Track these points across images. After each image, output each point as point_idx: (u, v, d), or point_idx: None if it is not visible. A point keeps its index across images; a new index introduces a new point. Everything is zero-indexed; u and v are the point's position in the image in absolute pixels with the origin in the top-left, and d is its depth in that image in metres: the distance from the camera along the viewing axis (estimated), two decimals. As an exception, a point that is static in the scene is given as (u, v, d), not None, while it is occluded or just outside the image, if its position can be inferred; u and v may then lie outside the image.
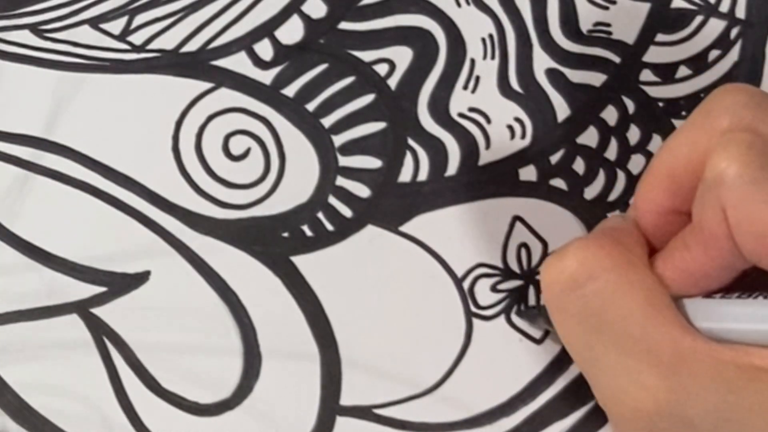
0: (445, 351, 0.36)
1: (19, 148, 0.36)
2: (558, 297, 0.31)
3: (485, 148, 0.38)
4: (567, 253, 0.31)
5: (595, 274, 0.30)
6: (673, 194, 0.31)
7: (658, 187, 0.31)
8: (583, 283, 0.30)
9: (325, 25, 0.38)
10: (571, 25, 0.39)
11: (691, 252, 0.30)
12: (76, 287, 0.35)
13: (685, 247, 0.30)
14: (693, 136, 0.30)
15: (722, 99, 0.30)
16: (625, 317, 0.30)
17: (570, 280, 0.31)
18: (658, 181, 0.31)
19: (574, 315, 0.31)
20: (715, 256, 0.29)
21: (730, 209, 0.28)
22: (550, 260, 0.32)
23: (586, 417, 0.36)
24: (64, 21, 0.37)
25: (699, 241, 0.30)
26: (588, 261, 0.31)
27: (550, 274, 0.31)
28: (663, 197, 0.31)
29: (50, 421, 0.34)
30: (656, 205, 0.32)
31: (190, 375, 0.35)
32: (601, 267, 0.30)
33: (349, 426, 0.35)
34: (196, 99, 0.37)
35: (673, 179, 0.31)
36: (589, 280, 0.30)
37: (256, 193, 0.37)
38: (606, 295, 0.30)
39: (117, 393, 0.35)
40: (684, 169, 0.30)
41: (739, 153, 0.28)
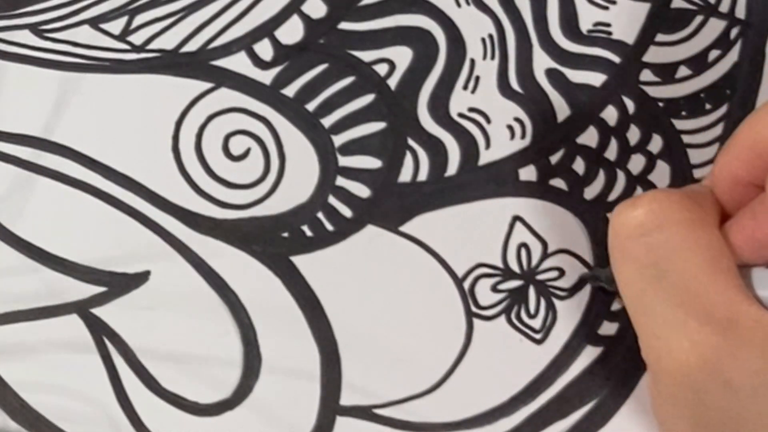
0: (445, 351, 0.36)
1: (19, 148, 0.36)
2: (623, 242, 0.31)
3: (485, 148, 0.38)
4: (640, 201, 0.31)
5: (664, 224, 0.31)
6: (752, 166, 0.31)
7: (738, 157, 0.32)
8: (651, 231, 0.31)
9: (325, 25, 0.38)
10: (571, 25, 0.39)
11: (758, 220, 0.30)
12: (76, 287, 0.35)
13: (752, 214, 0.31)
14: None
15: None
16: (686, 271, 0.30)
17: (638, 226, 0.31)
18: (739, 151, 0.32)
19: (635, 261, 0.31)
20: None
21: None
22: (621, 206, 0.32)
23: (586, 417, 0.36)
24: (64, 21, 0.37)
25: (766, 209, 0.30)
26: (660, 211, 0.31)
27: (620, 220, 0.32)
28: (741, 168, 0.32)
29: (50, 421, 0.34)
30: (733, 175, 0.32)
31: (190, 375, 0.35)
32: (672, 219, 0.31)
33: (349, 426, 0.35)
34: (196, 99, 0.37)
35: (755, 151, 0.31)
36: (657, 228, 0.31)
37: (256, 193, 0.37)
38: (671, 247, 0.30)
39: (117, 393, 0.35)
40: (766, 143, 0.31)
41: None
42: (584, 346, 0.37)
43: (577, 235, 0.38)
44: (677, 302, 0.30)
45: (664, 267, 0.30)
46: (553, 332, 0.37)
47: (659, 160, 0.39)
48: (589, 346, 0.37)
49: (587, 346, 0.37)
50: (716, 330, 0.29)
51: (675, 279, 0.30)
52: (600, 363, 0.37)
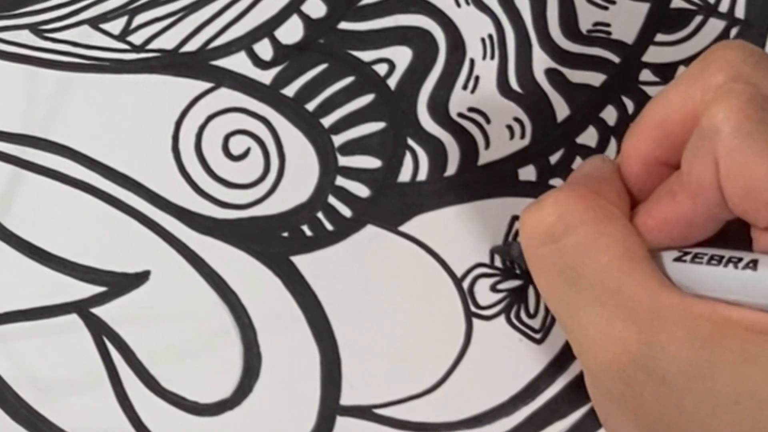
0: (444, 351, 0.36)
1: (19, 147, 0.36)
2: (536, 249, 0.31)
3: (485, 148, 0.38)
4: (545, 204, 0.31)
5: (572, 227, 0.30)
6: (661, 145, 0.31)
7: (648, 136, 0.31)
8: (560, 237, 0.30)
9: (325, 25, 0.38)
10: (570, 25, 0.39)
11: (677, 201, 0.30)
12: (76, 287, 0.35)
13: (670, 195, 0.30)
14: (688, 89, 0.30)
15: (720, 54, 0.30)
16: (601, 270, 0.30)
17: (547, 233, 0.31)
18: (648, 130, 0.31)
19: (551, 267, 0.31)
20: (700, 205, 0.29)
21: (722, 159, 0.28)
22: (528, 211, 0.32)
23: (586, 417, 0.36)
24: (64, 21, 0.37)
25: (686, 190, 0.30)
26: (566, 214, 0.31)
27: (528, 226, 0.31)
28: (651, 147, 0.31)
29: (50, 421, 0.34)
30: (644, 154, 0.32)
31: (190, 375, 0.35)
32: (579, 220, 0.30)
33: (349, 426, 0.35)
34: (195, 99, 0.37)
35: (664, 130, 0.31)
36: (565, 233, 0.30)
37: (256, 193, 0.37)
38: (582, 249, 0.30)
39: (117, 393, 0.35)
40: (676, 120, 0.30)
41: (739, 104, 0.28)
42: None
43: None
44: (599, 303, 0.30)
45: (579, 270, 0.30)
46: (552, 332, 0.37)
47: (659, 160, 0.39)
48: (588, 345, 0.37)
49: (587, 346, 0.37)
50: (641, 325, 0.29)
51: (593, 280, 0.30)
52: (600, 363, 0.37)
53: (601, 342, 0.30)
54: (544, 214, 0.31)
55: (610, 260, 0.30)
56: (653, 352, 0.29)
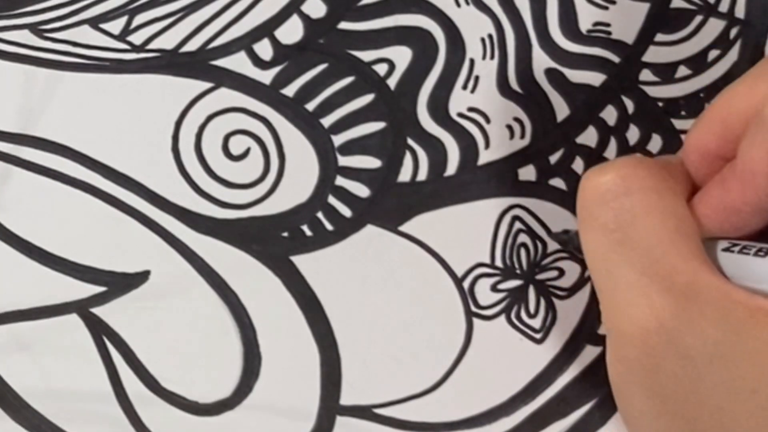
0: (445, 351, 0.36)
1: (19, 147, 0.36)
2: (590, 206, 0.32)
3: (484, 147, 0.38)
4: (610, 166, 0.32)
5: (631, 190, 0.31)
6: (723, 139, 0.31)
7: (710, 131, 0.32)
8: (618, 196, 0.31)
9: (325, 25, 0.38)
10: (570, 25, 0.39)
11: (728, 188, 0.30)
12: (76, 287, 0.35)
13: (722, 183, 0.31)
14: (753, 83, 0.31)
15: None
16: (650, 237, 0.30)
17: (606, 191, 0.31)
18: (711, 125, 0.32)
19: (601, 225, 0.31)
20: (750, 194, 0.30)
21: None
22: (591, 172, 0.32)
23: (586, 417, 0.36)
24: (64, 21, 0.37)
25: (737, 177, 0.30)
26: (628, 177, 0.31)
27: (588, 185, 0.32)
28: (713, 141, 0.32)
29: (50, 421, 0.34)
30: (705, 148, 0.32)
31: (190, 375, 0.35)
32: (639, 185, 0.31)
33: (349, 426, 0.35)
34: (195, 99, 0.37)
35: (726, 125, 0.31)
36: (624, 193, 0.31)
37: (256, 193, 0.37)
38: (637, 212, 0.31)
39: (117, 393, 0.35)
40: (739, 115, 0.31)
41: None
42: (584, 346, 0.37)
43: (576, 234, 0.38)
44: (640, 267, 0.30)
45: (629, 232, 0.31)
46: (552, 332, 0.37)
47: (659, 159, 0.39)
48: (589, 346, 0.37)
49: (587, 346, 0.37)
50: (677, 297, 0.29)
51: (639, 244, 0.30)
52: (600, 363, 0.37)
53: (633, 306, 0.30)
54: (608, 173, 0.31)
55: (662, 229, 0.30)
56: (682, 326, 0.29)
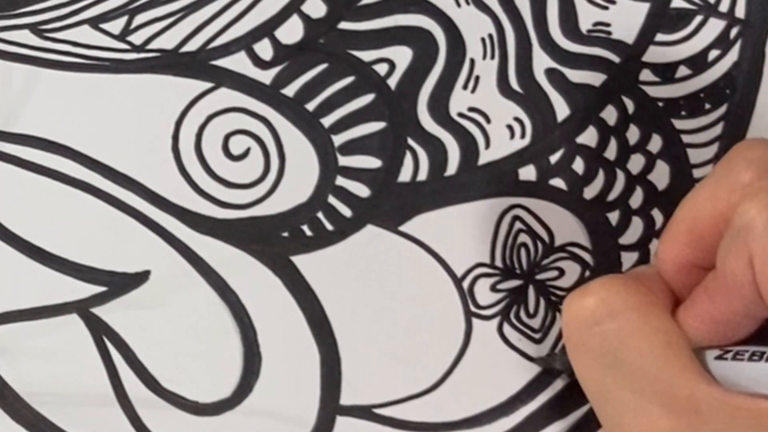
0: (444, 351, 0.36)
1: (19, 147, 0.36)
2: (577, 332, 0.32)
3: (485, 147, 0.38)
4: (590, 290, 0.32)
5: (615, 312, 0.31)
6: (694, 248, 0.32)
7: (680, 241, 0.32)
8: (603, 320, 0.31)
9: (325, 25, 0.38)
10: (570, 24, 0.39)
11: (713, 299, 0.30)
12: (76, 287, 0.35)
13: (707, 294, 0.31)
14: (715, 191, 0.31)
15: (744, 153, 0.31)
16: (642, 357, 0.30)
17: (590, 316, 0.31)
18: (680, 235, 0.32)
19: (591, 351, 0.31)
20: (737, 304, 0.30)
21: (757, 256, 0.28)
22: (572, 296, 0.32)
23: (586, 417, 0.36)
24: (64, 21, 0.37)
25: (722, 289, 0.30)
26: (610, 299, 0.31)
27: (572, 310, 0.32)
28: (685, 251, 0.32)
29: (50, 421, 0.34)
30: (678, 259, 0.32)
31: (190, 375, 0.35)
32: (623, 306, 0.31)
33: (349, 426, 0.35)
34: (195, 99, 0.37)
35: (695, 234, 0.31)
36: (609, 317, 0.31)
37: (256, 193, 0.37)
38: (625, 334, 0.31)
39: (117, 393, 0.35)
40: (706, 223, 0.31)
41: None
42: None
43: (576, 234, 0.38)
44: (637, 389, 0.30)
45: (619, 355, 0.31)
46: (552, 332, 0.37)
47: (659, 159, 0.39)
48: (588, 346, 0.37)
49: (587, 346, 0.37)
50: (678, 413, 0.29)
51: (632, 366, 0.30)
52: (599, 363, 0.37)
53: (636, 429, 0.30)
54: (590, 298, 0.31)
55: (652, 348, 0.30)
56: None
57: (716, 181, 0.31)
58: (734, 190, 0.30)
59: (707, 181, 0.31)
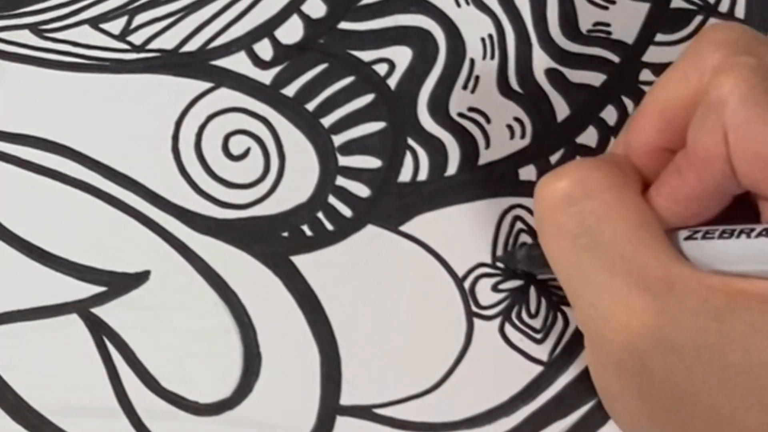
0: (445, 351, 0.36)
1: (19, 148, 0.36)
2: (552, 213, 0.31)
3: (485, 147, 0.38)
4: (565, 171, 0.31)
5: (591, 192, 0.31)
6: (664, 132, 0.31)
7: (650, 124, 0.31)
8: (579, 200, 0.31)
9: (325, 25, 0.38)
10: (570, 25, 0.39)
11: (684, 176, 0.30)
12: (76, 287, 0.35)
13: (677, 172, 0.30)
14: (684, 73, 0.30)
15: (713, 35, 0.30)
16: (618, 237, 0.30)
17: (566, 196, 0.31)
18: (650, 119, 0.31)
19: (566, 232, 0.31)
20: (708, 179, 0.29)
21: (731, 130, 0.28)
22: (546, 178, 0.32)
23: (586, 417, 0.36)
24: (64, 21, 0.37)
25: (693, 165, 0.30)
26: (585, 179, 0.31)
27: (546, 191, 0.31)
28: (655, 135, 0.31)
29: (50, 421, 0.34)
30: (648, 143, 0.32)
31: (190, 375, 0.35)
32: (598, 186, 0.31)
33: (349, 426, 0.35)
34: (195, 99, 0.37)
35: (665, 117, 0.31)
36: (585, 197, 0.31)
37: (256, 193, 0.37)
38: (600, 214, 0.30)
39: (117, 393, 0.35)
40: (676, 106, 0.31)
41: (744, 75, 0.28)
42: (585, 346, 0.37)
43: (577, 234, 0.38)
44: (613, 270, 0.30)
45: (595, 235, 0.30)
46: (553, 332, 0.37)
47: (659, 159, 0.39)
48: (589, 345, 0.37)
49: (587, 345, 0.37)
50: (654, 294, 0.29)
51: (608, 246, 0.30)
52: (600, 363, 0.37)
53: (612, 309, 0.30)
54: (564, 180, 0.31)
55: (628, 227, 0.30)
56: (664, 322, 0.29)
57: (686, 64, 0.30)
58: (704, 72, 0.29)
59: (676, 65, 0.31)
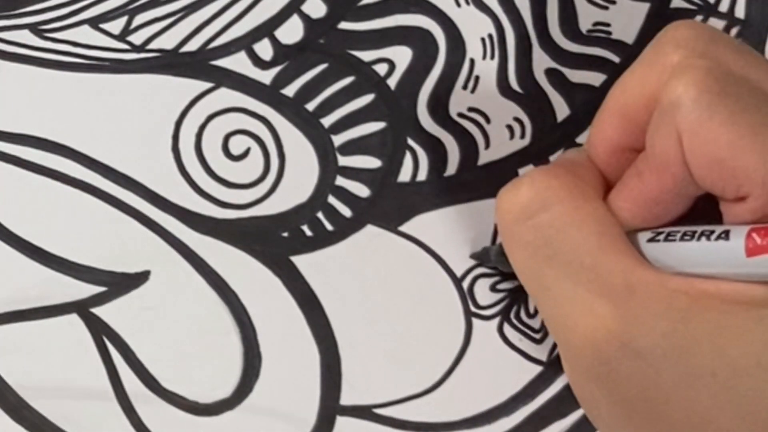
0: (444, 351, 0.36)
1: (19, 147, 0.36)
2: (511, 226, 0.31)
3: (485, 147, 0.38)
4: (521, 183, 0.31)
5: (548, 203, 0.31)
6: (626, 131, 0.31)
7: (612, 124, 0.32)
8: (536, 213, 0.31)
9: (325, 25, 0.38)
10: (570, 25, 0.39)
11: (644, 179, 0.30)
12: (76, 287, 0.35)
13: (638, 174, 0.30)
14: (644, 73, 0.30)
15: (673, 34, 0.30)
16: (577, 247, 0.30)
17: (523, 209, 0.31)
18: (611, 118, 0.32)
19: (527, 244, 0.31)
20: (667, 182, 0.30)
21: (685, 133, 0.28)
22: (505, 190, 0.32)
23: (586, 417, 0.36)
24: (64, 21, 0.37)
25: (652, 168, 0.30)
26: (542, 191, 0.31)
27: (505, 204, 0.32)
28: (616, 134, 0.32)
29: (51, 422, 0.34)
30: (610, 142, 0.32)
31: (190, 375, 0.35)
32: (555, 197, 0.31)
33: (349, 426, 0.35)
34: (195, 99, 0.37)
35: (626, 116, 0.31)
36: (542, 209, 0.31)
37: (256, 193, 0.37)
38: (558, 225, 0.30)
39: (117, 393, 0.35)
40: (636, 105, 0.31)
41: (697, 77, 0.28)
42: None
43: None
44: (575, 280, 0.30)
45: (555, 246, 0.30)
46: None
47: (659, 159, 0.39)
48: (588, 346, 0.37)
49: (587, 346, 0.37)
50: (617, 301, 0.29)
51: (568, 257, 0.30)
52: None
53: (577, 318, 0.30)
54: (521, 191, 0.31)
55: (587, 236, 0.30)
56: (629, 327, 0.29)
57: (646, 63, 0.31)
58: (664, 71, 0.29)
59: (637, 64, 0.31)
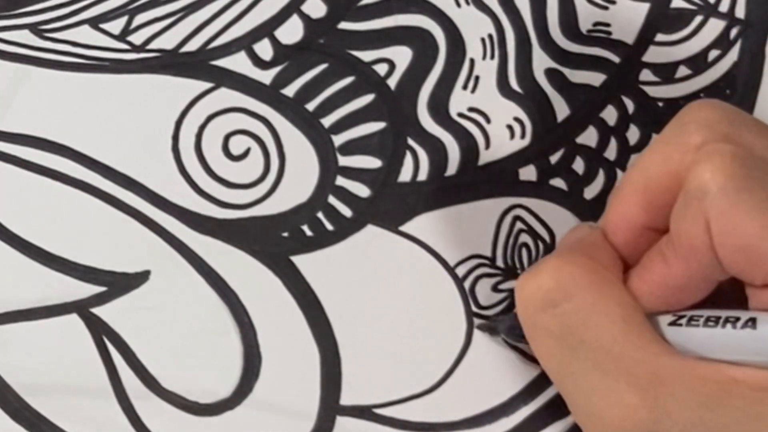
0: (445, 351, 0.36)
1: (19, 147, 0.36)
2: (534, 315, 0.31)
3: (485, 147, 0.38)
4: (542, 271, 0.31)
5: (571, 292, 0.31)
6: (646, 210, 0.31)
7: (632, 203, 0.31)
8: (560, 302, 0.31)
9: (325, 25, 0.38)
10: (570, 25, 0.39)
11: (670, 265, 0.30)
12: (76, 287, 0.35)
13: (663, 260, 0.30)
14: (667, 152, 0.30)
15: (696, 114, 0.30)
16: (602, 335, 0.30)
17: (546, 298, 0.31)
18: (632, 197, 0.31)
19: (550, 333, 0.31)
20: (694, 268, 0.29)
21: (713, 220, 0.28)
22: (525, 277, 0.32)
23: (587, 417, 0.36)
24: (64, 21, 0.37)
25: (678, 254, 0.30)
26: (564, 279, 0.31)
27: (526, 292, 0.32)
28: (637, 213, 0.31)
29: (50, 421, 0.34)
30: (630, 221, 0.32)
31: (190, 375, 0.35)
32: (577, 285, 0.31)
33: (349, 426, 0.35)
34: (195, 99, 0.37)
35: (647, 195, 0.31)
36: (565, 298, 0.31)
37: (256, 193, 0.37)
38: (583, 314, 0.30)
39: (117, 393, 0.35)
40: (658, 184, 0.30)
41: (723, 164, 0.28)
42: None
43: (576, 234, 0.38)
44: (601, 369, 0.30)
45: (580, 336, 0.30)
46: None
47: (659, 159, 0.39)
48: (589, 345, 0.37)
49: (587, 345, 0.37)
50: (645, 390, 0.29)
51: (594, 346, 0.30)
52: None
53: (605, 408, 0.30)
54: (543, 280, 0.31)
55: (611, 325, 0.30)
56: (659, 417, 0.29)
57: (667, 142, 0.30)
58: (686, 151, 0.29)
59: (658, 143, 0.31)
